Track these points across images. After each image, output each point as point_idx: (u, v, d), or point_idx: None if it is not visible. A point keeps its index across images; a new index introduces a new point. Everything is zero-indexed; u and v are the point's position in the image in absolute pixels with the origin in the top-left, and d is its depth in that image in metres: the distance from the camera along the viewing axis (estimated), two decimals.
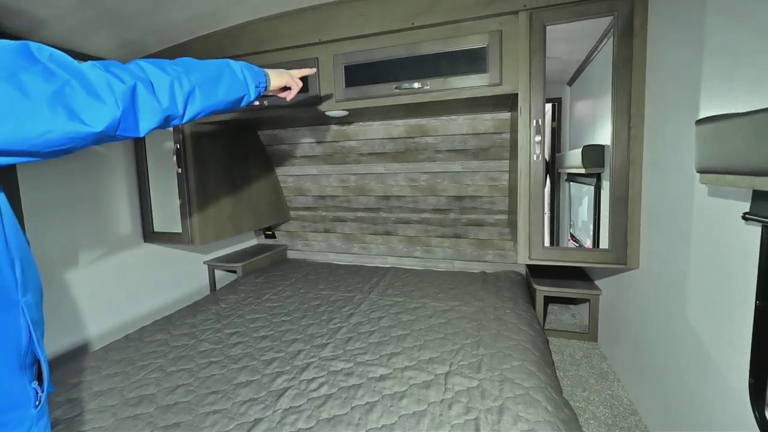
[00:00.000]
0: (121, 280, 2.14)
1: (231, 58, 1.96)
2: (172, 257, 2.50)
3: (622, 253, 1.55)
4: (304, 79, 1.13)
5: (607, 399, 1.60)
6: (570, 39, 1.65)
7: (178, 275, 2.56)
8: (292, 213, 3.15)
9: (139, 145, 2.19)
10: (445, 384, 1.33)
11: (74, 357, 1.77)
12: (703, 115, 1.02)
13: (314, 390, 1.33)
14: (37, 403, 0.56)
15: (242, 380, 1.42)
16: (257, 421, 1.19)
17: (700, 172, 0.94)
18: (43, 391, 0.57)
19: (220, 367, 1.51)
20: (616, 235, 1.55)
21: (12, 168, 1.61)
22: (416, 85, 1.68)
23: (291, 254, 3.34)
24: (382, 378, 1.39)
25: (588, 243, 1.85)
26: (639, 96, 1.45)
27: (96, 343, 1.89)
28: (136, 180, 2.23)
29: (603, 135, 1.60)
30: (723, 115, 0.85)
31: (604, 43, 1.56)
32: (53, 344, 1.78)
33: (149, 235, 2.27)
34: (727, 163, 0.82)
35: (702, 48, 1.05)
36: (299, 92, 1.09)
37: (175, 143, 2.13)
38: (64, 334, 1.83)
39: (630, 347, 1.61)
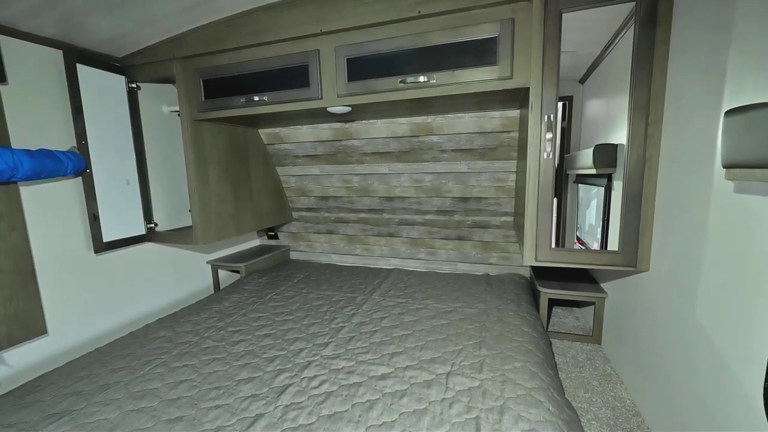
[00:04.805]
0: (125, 279, 2.15)
1: (230, 51, 1.92)
2: (176, 257, 2.50)
3: (633, 256, 1.50)
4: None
5: (609, 401, 1.58)
6: (585, 29, 1.55)
7: (182, 275, 2.56)
8: (295, 214, 3.12)
9: (138, 144, 2.16)
10: (446, 383, 1.33)
11: (80, 352, 1.80)
12: (729, 107, 0.94)
13: (315, 387, 1.33)
14: None
15: (244, 377, 1.42)
16: (259, 416, 1.19)
17: (727, 167, 0.87)
18: None
19: (223, 363, 1.52)
20: (627, 237, 1.49)
21: None
22: (422, 78, 1.60)
23: (294, 255, 3.34)
24: (383, 377, 1.38)
25: (595, 246, 1.81)
26: (659, 90, 1.37)
27: (101, 340, 1.91)
28: (137, 180, 2.19)
29: (617, 135, 1.54)
30: (759, 104, 0.79)
31: (621, 35, 1.48)
32: (62, 339, 1.81)
33: (153, 234, 2.26)
34: (759, 156, 0.76)
35: (730, 35, 0.98)
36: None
37: None
38: (72, 331, 1.85)
39: (636, 349, 1.58)
